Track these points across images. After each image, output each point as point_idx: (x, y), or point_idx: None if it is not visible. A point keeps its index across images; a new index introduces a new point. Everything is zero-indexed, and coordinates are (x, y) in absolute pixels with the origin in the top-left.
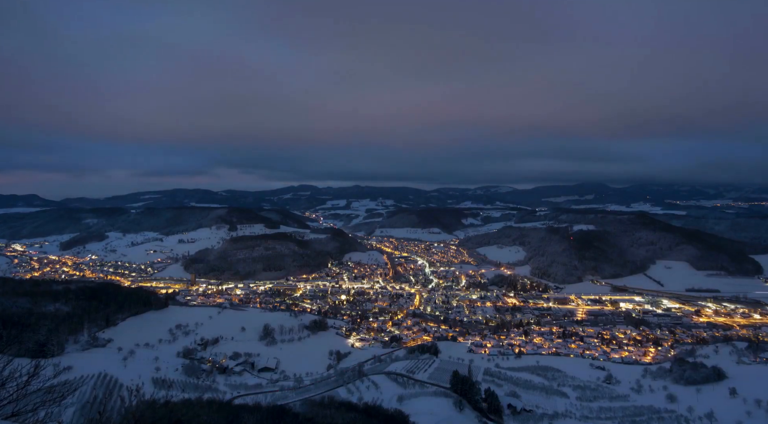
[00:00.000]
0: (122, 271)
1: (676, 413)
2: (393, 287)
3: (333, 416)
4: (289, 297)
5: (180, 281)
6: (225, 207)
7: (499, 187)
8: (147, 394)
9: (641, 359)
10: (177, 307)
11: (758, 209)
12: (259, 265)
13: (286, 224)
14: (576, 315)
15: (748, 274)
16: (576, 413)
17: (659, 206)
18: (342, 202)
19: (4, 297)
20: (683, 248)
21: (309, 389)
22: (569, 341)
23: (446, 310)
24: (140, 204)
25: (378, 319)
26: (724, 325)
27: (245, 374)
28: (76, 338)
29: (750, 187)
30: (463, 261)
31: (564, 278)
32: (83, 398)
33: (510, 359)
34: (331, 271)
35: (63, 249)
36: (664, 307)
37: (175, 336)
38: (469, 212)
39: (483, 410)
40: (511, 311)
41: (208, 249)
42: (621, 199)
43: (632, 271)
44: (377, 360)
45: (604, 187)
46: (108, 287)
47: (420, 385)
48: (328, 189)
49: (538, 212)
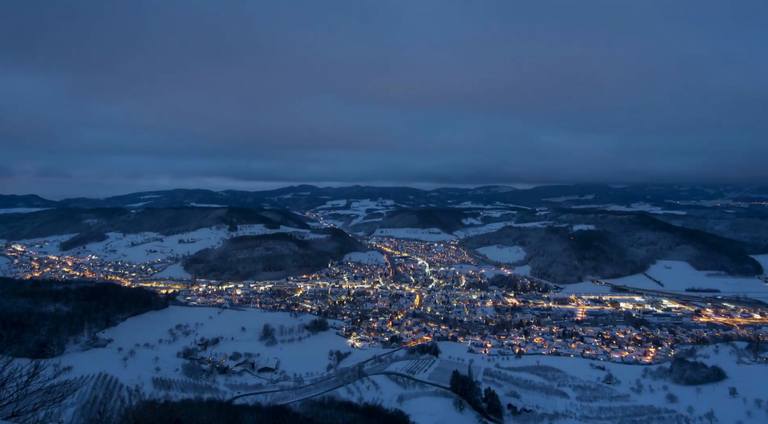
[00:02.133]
0: (122, 271)
1: (676, 413)
2: (393, 287)
3: (333, 416)
4: (289, 297)
5: (180, 281)
6: (225, 207)
7: (499, 187)
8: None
9: (641, 359)
10: (177, 307)
11: (758, 209)
12: (259, 265)
13: (286, 224)
14: (576, 315)
15: (748, 274)
16: (576, 413)
17: (659, 206)
18: (342, 203)
19: (4, 297)
20: (683, 248)
21: (309, 389)
22: (569, 341)
23: (446, 310)
24: (140, 204)
25: (378, 319)
26: (724, 325)
27: (245, 374)
28: (76, 338)
29: (750, 187)
30: (463, 261)
31: (564, 278)
32: (83, 398)
33: (510, 359)
34: (331, 271)
35: (63, 249)
36: (664, 307)
37: (175, 336)
38: (469, 211)
39: (483, 410)
40: (511, 311)
41: (208, 249)
42: (621, 199)
43: (632, 271)
44: (377, 360)
45: (604, 187)
46: (108, 287)
47: (420, 385)
48: (328, 189)
49: (538, 212)
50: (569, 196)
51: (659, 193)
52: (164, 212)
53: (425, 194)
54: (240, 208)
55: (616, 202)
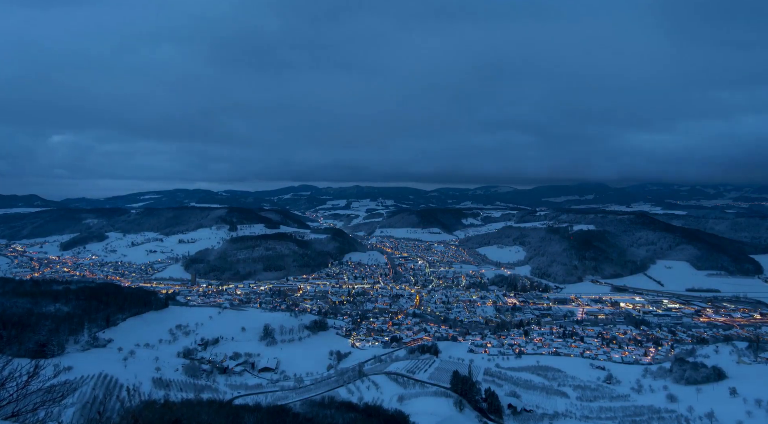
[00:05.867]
0: (122, 271)
1: (677, 413)
2: (393, 287)
3: (333, 416)
4: (290, 297)
5: (180, 281)
6: (225, 207)
7: (499, 187)
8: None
9: (641, 359)
10: (177, 307)
11: (758, 209)
12: (260, 265)
13: (287, 224)
14: (576, 315)
15: (748, 274)
16: (576, 413)
17: (659, 206)
18: (342, 203)
19: (5, 297)
20: (683, 248)
21: (309, 389)
22: (569, 341)
23: (446, 310)
24: (140, 204)
25: (378, 319)
26: (725, 325)
27: (245, 374)
28: (76, 338)
29: (750, 187)
30: (463, 261)
31: (564, 277)
32: (83, 398)
33: (510, 359)
34: (331, 271)
35: (63, 249)
36: (665, 307)
37: (175, 336)
38: (469, 211)
39: (483, 409)
40: (511, 311)
41: (208, 249)
42: (621, 199)
43: (632, 271)
44: (377, 360)
45: (604, 187)
46: (108, 287)
47: (420, 385)
48: (328, 189)
49: (538, 212)
50: (569, 196)
51: (659, 193)
52: (164, 211)
53: (425, 194)
54: (240, 208)
55: (616, 203)
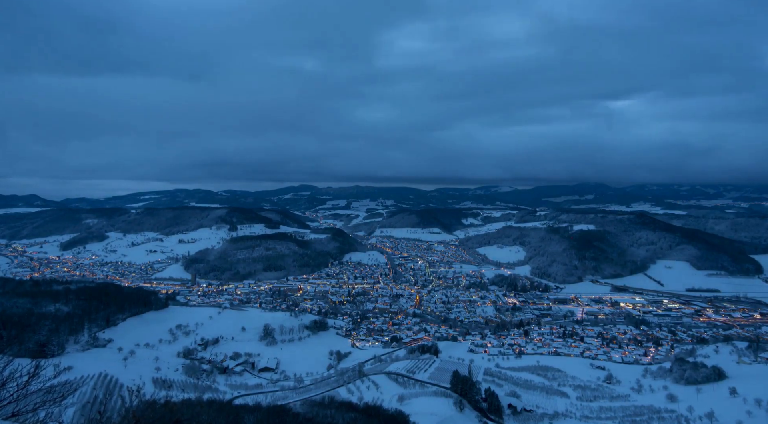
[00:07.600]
0: (122, 271)
1: (677, 413)
2: (393, 287)
3: (333, 416)
4: (290, 297)
5: (180, 281)
6: (225, 207)
7: (499, 187)
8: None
9: (641, 359)
10: (177, 307)
11: (758, 209)
12: (260, 265)
13: (287, 224)
14: (576, 315)
15: (748, 274)
16: (576, 412)
17: (659, 206)
18: (342, 203)
19: (5, 297)
20: (683, 248)
21: (309, 389)
22: (569, 340)
23: (446, 310)
24: (140, 204)
25: (378, 319)
26: (725, 325)
27: (245, 374)
28: (76, 338)
29: (750, 187)
30: (463, 261)
31: (564, 278)
32: (84, 398)
33: (510, 359)
34: (331, 271)
35: (63, 249)
36: (665, 307)
37: (175, 336)
38: (469, 211)
39: (483, 409)
40: (511, 311)
41: (208, 249)
42: (621, 199)
43: (632, 271)
44: (377, 360)
45: (604, 187)
46: (108, 287)
47: (420, 385)
48: (328, 189)
49: (538, 212)
50: (569, 196)
51: (659, 193)
52: (164, 211)
53: (425, 194)
54: (240, 208)
55: (616, 203)
